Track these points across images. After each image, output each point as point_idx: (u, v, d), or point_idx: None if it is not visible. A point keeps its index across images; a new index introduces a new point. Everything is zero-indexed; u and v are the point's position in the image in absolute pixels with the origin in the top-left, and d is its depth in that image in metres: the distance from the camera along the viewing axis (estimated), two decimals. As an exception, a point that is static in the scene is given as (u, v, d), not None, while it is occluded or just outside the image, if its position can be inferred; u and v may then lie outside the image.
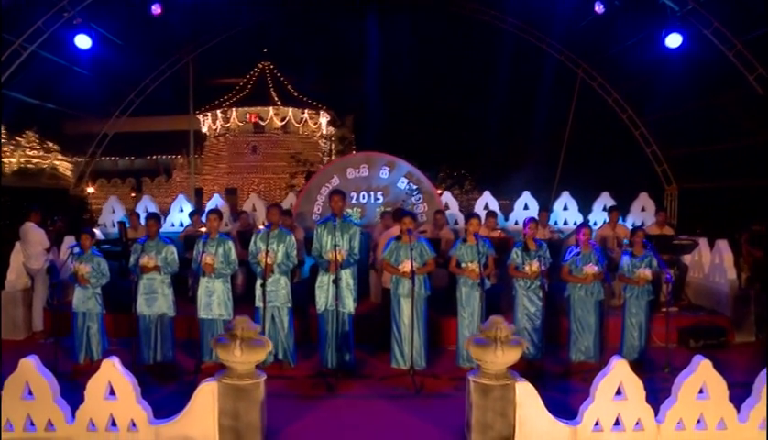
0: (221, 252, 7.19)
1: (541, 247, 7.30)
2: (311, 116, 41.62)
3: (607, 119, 13.88)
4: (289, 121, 40.76)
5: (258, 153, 40.54)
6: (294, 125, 40.85)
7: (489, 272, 7.27)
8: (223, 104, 40.87)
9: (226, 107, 40.91)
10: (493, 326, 4.96)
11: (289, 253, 7.20)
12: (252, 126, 40.79)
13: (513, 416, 4.93)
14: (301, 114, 40.89)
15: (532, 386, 5.00)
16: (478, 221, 7.22)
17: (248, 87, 41.58)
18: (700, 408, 5.00)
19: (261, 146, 40.63)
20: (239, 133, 40.71)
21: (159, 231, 7.39)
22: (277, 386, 6.58)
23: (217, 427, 4.93)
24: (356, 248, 7.13)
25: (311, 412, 5.86)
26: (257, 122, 40.68)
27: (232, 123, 41.23)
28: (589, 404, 5.01)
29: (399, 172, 10.74)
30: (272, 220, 7.25)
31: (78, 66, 11.28)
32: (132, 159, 45.04)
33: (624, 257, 7.41)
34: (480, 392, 4.94)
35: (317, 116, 41.90)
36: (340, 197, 7.13)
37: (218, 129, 41.70)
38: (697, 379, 4.99)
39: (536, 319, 7.22)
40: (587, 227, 7.31)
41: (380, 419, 5.75)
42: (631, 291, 7.32)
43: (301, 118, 41.03)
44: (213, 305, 7.16)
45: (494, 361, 4.91)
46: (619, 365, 4.98)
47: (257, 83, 41.73)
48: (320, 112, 41.61)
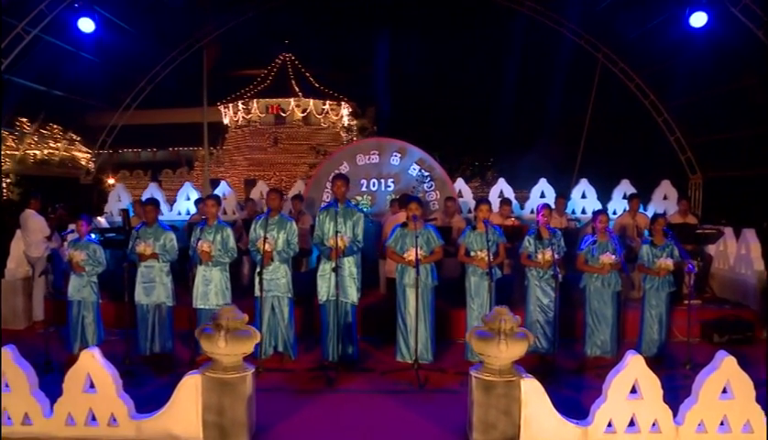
0: (219, 239, 6.91)
1: (555, 235, 6.89)
2: (332, 108, 41.41)
3: (628, 105, 13.29)
4: (310, 112, 40.60)
5: (280, 144, 40.43)
6: (315, 116, 40.68)
7: (500, 261, 6.88)
8: (244, 96, 40.87)
9: (248, 99, 40.90)
10: (497, 318, 4.58)
11: (290, 240, 6.88)
12: (273, 117, 40.70)
13: (518, 415, 4.56)
14: (322, 105, 40.72)
15: (538, 383, 4.62)
16: (488, 207, 6.83)
17: (270, 78, 41.52)
18: (724, 409, 4.57)
19: (282, 137, 40.51)
20: (261, 124, 40.66)
21: (158, 217, 7.14)
22: (274, 379, 6.32)
23: (201, 423, 4.65)
24: (359, 236, 6.79)
25: (306, 408, 5.56)
26: (279, 113, 40.59)
27: (253, 114, 41.23)
28: (601, 403, 4.61)
29: (410, 159, 10.37)
30: (272, 205, 6.94)
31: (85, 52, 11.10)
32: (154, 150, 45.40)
33: (644, 246, 6.96)
34: (482, 389, 4.58)
35: (338, 108, 41.67)
36: (343, 182, 6.80)
37: (240, 121, 41.73)
38: (721, 376, 4.56)
39: (549, 311, 6.81)
40: (604, 214, 6.86)
41: (378, 415, 5.42)
42: (651, 283, 6.87)
43: (322, 109, 40.85)
44: (211, 295, 6.89)
45: (497, 356, 4.54)
46: (635, 360, 4.58)
47: (278, 75, 41.67)
48: (341, 103, 41.37)
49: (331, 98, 40.84)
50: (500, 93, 17.39)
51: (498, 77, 17.67)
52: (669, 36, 10.64)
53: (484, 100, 18.91)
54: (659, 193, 10.90)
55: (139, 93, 13.30)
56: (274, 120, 40.45)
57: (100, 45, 10.92)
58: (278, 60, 41.88)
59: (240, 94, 40.85)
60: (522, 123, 17.78)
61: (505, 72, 17.20)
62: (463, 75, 20.02)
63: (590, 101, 13.06)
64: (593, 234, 6.94)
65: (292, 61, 42.02)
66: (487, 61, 17.57)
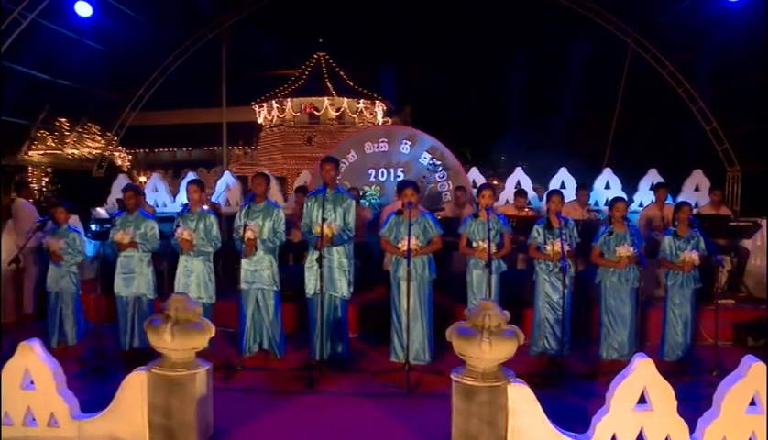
0: (201, 227, 6.45)
1: (566, 225, 6.19)
2: (366, 107, 41.04)
3: (661, 94, 12.35)
4: (344, 111, 40.30)
5: (314, 143, 40.25)
6: (350, 115, 40.36)
7: (505, 253, 6.22)
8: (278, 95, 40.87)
9: (282, 98, 40.89)
10: (481, 313, 3.96)
11: (276, 229, 6.36)
12: (307, 116, 40.56)
13: (504, 426, 3.92)
14: (356, 104, 40.39)
15: (529, 389, 3.97)
16: (491, 192, 6.17)
17: (304, 78, 41.43)
18: (751, 424, 3.84)
19: (316, 136, 40.31)
20: (295, 124, 40.58)
21: (139, 205, 6.73)
22: (252, 379, 5.82)
23: (147, 425, 4.17)
24: (350, 224, 6.22)
25: (278, 410, 5.03)
26: (313, 112, 40.43)
27: (287, 113, 41.16)
28: (603, 415, 3.93)
29: (421, 147, 9.75)
30: (257, 191, 6.45)
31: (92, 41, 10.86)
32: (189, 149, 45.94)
33: (666, 237, 6.20)
34: (463, 395, 3.95)
35: (372, 107, 41.28)
36: (332, 165, 6.25)
37: (274, 120, 41.75)
38: (747, 386, 3.83)
39: (559, 308, 6.12)
40: (621, 201, 6.14)
41: (354, 421, 4.85)
42: (675, 278, 6.10)
43: (356, 109, 40.50)
44: (192, 287, 6.43)
45: (480, 357, 3.91)
46: (643, 365, 3.88)
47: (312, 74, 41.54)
48: (375, 102, 40.97)
49: (365, 97, 40.47)
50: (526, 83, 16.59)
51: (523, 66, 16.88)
52: (703, 16, 9.75)
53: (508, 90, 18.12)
54: (690, 184, 9.99)
55: (152, 85, 13.03)
56: (308, 119, 40.28)
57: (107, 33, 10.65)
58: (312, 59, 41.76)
59: (274, 94, 40.86)
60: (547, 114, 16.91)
61: (530, 62, 16.40)
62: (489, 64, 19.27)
63: (620, 90, 12.14)
64: (609, 223, 6.22)
65: (326, 60, 41.82)
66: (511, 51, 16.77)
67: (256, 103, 40.93)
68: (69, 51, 10.61)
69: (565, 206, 8.76)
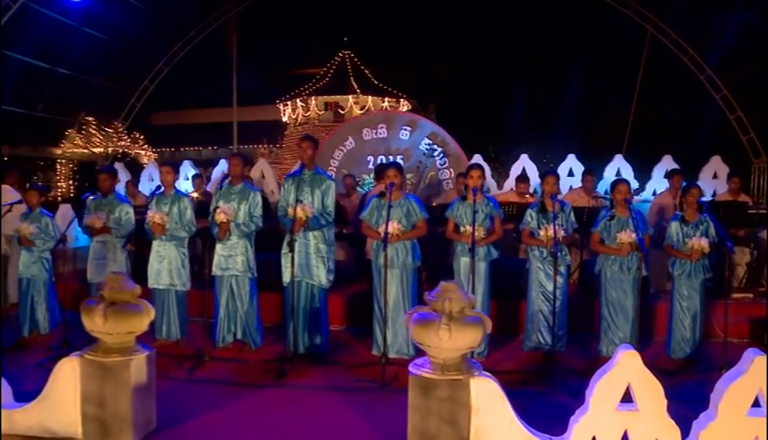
0: (175, 211, 6.11)
1: (563, 209, 5.68)
2: (391, 105, 40.66)
3: (682, 81, 11.63)
4: (369, 110, 40.01)
5: (338, 141, 40.02)
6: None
7: (495, 238, 5.71)
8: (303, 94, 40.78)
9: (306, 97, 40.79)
10: (442, 296, 3.49)
11: (252, 213, 5.99)
12: (332, 114, 40.37)
13: (467, 426, 3.45)
14: (381, 102, 40.06)
15: (495, 384, 3.49)
16: (480, 172, 5.67)
17: (329, 76, 41.25)
18: (754, 428, 3.30)
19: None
20: (319, 122, 40.42)
21: (115, 187, 6.42)
22: (220, 370, 5.45)
23: (80, 415, 3.81)
24: (329, 207, 5.81)
25: (235, 403, 4.64)
26: (337, 111, 40.24)
27: (312, 112, 41.03)
28: (582, 415, 3.43)
29: (421, 132, 9.29)
30: (233, 172, 6.09)
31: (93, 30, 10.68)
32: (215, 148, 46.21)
33: (673, 222, 5.64)
34: (420, 389, 3.49)
35: (397, 105, 40.88)
36: (310, 143, 5.84)
37: (298, 118, 41.65)
38: (749, 383, 3.29)
39: (556, 299, 5.61)
40: (623, 183, 5.58)
41: (313, 415, 4.43)
42: (682, 268, 5.54)
43: (381, 107, 40.17)
44: (164, 273, 6.11)
45: (438, 346, 3.44)
46: (627, 358, 3.38)
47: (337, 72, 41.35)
48: (400, 100, 40.60)
49: (390, 95, 40.08)
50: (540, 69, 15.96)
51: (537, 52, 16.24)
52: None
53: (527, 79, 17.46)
54: (708, 171, 9.30)
55: (157, 75, 12.81)
56: (333, 117, 40.06)
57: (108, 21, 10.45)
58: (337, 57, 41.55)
59: (298, 92, 40.75)
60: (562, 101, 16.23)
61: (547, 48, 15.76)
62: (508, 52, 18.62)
63: (638, 77, 11.45)
64: (610, 207, 5.69)
65: (351, 59, 41.58)
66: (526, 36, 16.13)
67: (280, 101, 40.89)
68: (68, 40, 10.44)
69: (571, 193, 8.24)
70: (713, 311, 6.20)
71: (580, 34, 13.63)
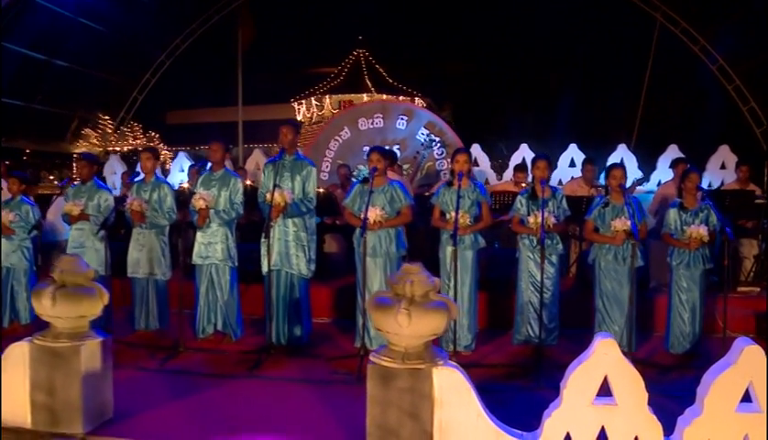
0: (155, 198, 5.95)
1: (554, 195, 5.40)
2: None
3: (692, 72, 11.21)
4: (383, 109, 39.79)
5: (353, 139, 39.86)
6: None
7: (483, 226, 5.44)
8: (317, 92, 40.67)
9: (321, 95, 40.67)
10: (403, 279, 3.24)
11: (233, 200, 5.80)
12: (346, 113, 40.24)
13: (430, 419, 3.19)
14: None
15: (461, 374, 3.23)
16: (466, 157, 5.41)
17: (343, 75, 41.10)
18: (744, 425, 3.01)
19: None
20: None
21: (94, 174, 6.27)
22: (194, 361, 5.27)
23: (30, 404, 3.63)
24: (310, 194, 5.60)
25: (200, 394, 4.44)
26: (352, 109, 40.10)
27: (326, 110, 40.85)
28: (555, 408, 3.17)
29: (418, 122, 9.06)
30: (213, 158, 5.92)
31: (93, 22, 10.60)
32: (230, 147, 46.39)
33: (671, 210, 5.33)
34: (379, 379, 3.24)
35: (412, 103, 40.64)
36: (290, 128, 5.64)
37: (313, 117, 41.52)
38: (739, 375, 3.00)
39: (546, 290, 5.32)
40: (618, 168, 5.29)
41: (278, 407, 4.22)
42: (680, 257, 5.22)
43: (394, 105, 39.93)
44: (143, 262, 5.94)
45: (398, 332, 3.19)
46: (604, 347, 3.10)
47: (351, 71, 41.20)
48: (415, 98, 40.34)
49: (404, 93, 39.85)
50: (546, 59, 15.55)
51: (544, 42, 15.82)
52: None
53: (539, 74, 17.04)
54: (715, 161, 8.90)
55: (159, 67, 12.72)
56: (347, 116, 39.98)
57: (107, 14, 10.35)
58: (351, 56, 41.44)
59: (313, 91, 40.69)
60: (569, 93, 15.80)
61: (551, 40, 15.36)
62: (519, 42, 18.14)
63: (647, 69, 11.04)
64: (604, 194, 5.39)
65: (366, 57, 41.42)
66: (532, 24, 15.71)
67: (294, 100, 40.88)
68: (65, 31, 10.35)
69: (570, 183, 7.94)
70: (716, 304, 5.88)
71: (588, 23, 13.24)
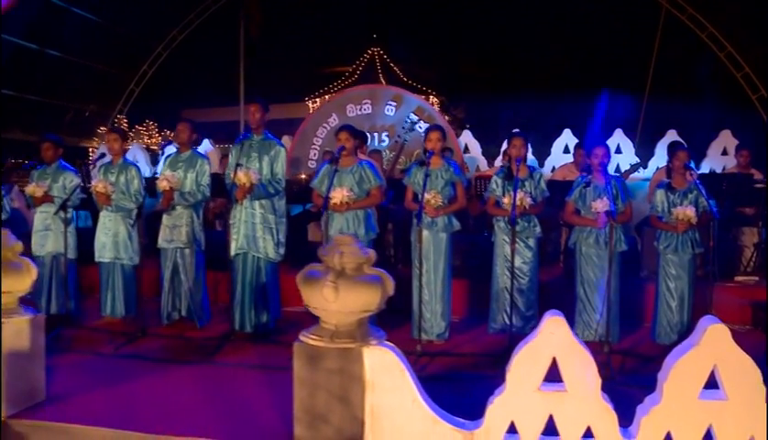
0: (122, 180, 5.74)
1: (532, 175, 5.08)
2: (420, 101, 40.18)
3: (699, 58, 10.72)
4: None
5: (366, 136, 39.75)
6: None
7: (457, 207, 5.14)
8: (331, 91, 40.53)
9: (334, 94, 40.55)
10: (333, 250, 2.96)
11: (199, 182, 5.57)
12: (360, 111, 40.06)
13: (361, 404, 2.90)
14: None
15: (395, 355, 2.93)
16: (438, 135, 5.11)
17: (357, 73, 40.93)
18: (708, 414, 2.67)
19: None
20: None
21: (59, 156, 6.07)
22: (150, 347, 5.06)
23: (-53, 386, 3.42)
24: (279, 174, 5.35)
25: (145, 379, 4.23)
26: (365, 107, 39.90)
27: (340, 109, 40.78)
28: (498, 395, 2.86)
29: (407, 107, 8.78)
30: (179, 139, 5.71)
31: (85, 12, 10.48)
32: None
33: (658, 191, 4.97)
34: (306, 359, 2.97)
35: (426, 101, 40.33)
36: (257, 107, 5.39)
37: (327, 116, 41.44)
38: (702, 358, 2.66)
39: (522, 276, 5.01)
40: (601, 147, 4.94)
41: (221, 393, 3.98)
42: (668, 241, 4.87)
43: (409, 103, 39.69)
44: (109, 246, 5.74)
45: (325, 307, 2.91)
46: (551, 325, 2.79)
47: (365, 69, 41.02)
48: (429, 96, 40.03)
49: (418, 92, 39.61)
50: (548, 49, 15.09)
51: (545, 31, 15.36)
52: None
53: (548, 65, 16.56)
54: (716, 147, 8.44)
55: (156, 59, 12.59)
56: (361, 114, 39.83)
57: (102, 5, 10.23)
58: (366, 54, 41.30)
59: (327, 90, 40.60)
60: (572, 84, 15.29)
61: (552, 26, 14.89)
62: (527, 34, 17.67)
63: (653, 57, 10.56)
64: (586, 174, 5.07)
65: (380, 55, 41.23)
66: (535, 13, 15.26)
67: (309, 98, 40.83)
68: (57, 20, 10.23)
69: (561, 168, 7.60)
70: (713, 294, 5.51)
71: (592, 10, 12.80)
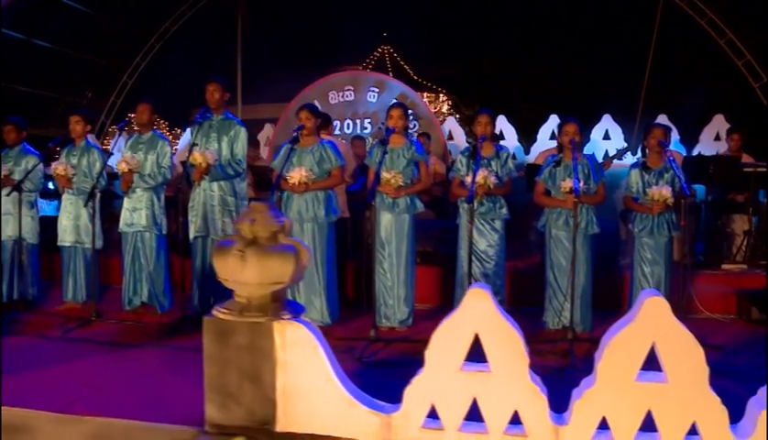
0: (84, 163, 5.59)
1: (498, 154, 4.82)
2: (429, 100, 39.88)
3: (699, 47, 10.30)
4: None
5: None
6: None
7: (421, 188, 4.90)
8: (341, 90, 40.48)
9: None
10: (245, 217, 2.75)
11: (159, 163, 5.40)
12: (370, 109, 39.92)
13: (272, 383, 2.68)
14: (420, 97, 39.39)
15: (309, 332, 2.70)
16: (400, 112, 4.87)
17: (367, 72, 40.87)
18: (647, 397, 2.40)
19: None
20: (359, 118, 40.08)
21: (22, 139, 5.93)
22: (104, 332, 4.91)
23: None
24: (239, 155, 5.16)
25: (81, 362, 4.08)
26: (375, 105, 39.78)
27: (349, 107, 40.68)
28: (417, 375, 2.62)
29: (390, 94, 8.58)
30: (139, 120, 5.54)
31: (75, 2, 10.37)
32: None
33: (632, 170, 4.69)
34: (215, 335, 2.75)
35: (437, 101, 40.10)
36: (217, 86, 5.19)
37: (337, 114, 41.40)
38: (640, 335, 2.40)
39: (488, 260, 4.75)
40: (572, 123, 4.65)
41: (155, 376, 3.82)
42: (643, 223, 4.58)
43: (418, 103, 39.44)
44: (70, 230, 5.59)
45: (235, 279, 2.70)
46: (474, 298, 2.53)
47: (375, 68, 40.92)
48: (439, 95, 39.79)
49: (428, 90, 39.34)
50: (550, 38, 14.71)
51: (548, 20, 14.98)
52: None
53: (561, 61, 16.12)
54: (709, 132, 8.05)
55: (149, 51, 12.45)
56: (372, 113, 39.71)
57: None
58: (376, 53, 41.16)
59: (337, 89, 40.60)
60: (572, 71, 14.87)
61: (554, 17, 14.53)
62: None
63: (651, 46, 10.16)
64: (556, 153, 4.80)
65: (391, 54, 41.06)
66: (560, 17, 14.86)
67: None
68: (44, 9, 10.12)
69: (544, 152, 7.32)
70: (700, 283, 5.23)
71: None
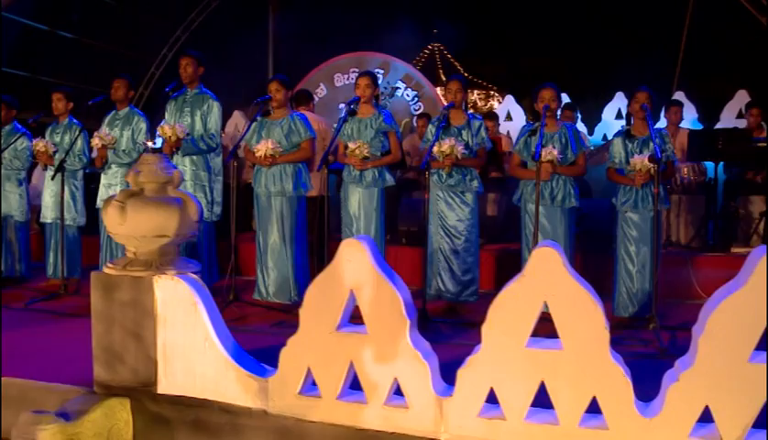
0: (67, 141, 5.62)
1: (470, 123, 4.52)
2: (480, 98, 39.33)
3: (738, 27, 9.50)
4: (460, 104, 38.97)
5: (423, 132, 39.60)
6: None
7: (390, 161, 4.64)
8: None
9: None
10: (134, 169, 2.59)
11: (135, 139, 5.37)
12: (421, 107, 39.76)
13: (153, 341, 2.51)
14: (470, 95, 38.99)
15: (190, 287, 2.50)
16: (368, 81, 4.62)
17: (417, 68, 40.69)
18: (539, 368, 2.10)
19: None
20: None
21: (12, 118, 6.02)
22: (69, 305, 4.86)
23: None
24: (212, 130, 5.05)
25: (26, 329, 4.07)
26: (423, 103, 39.59)
27: (398, 105, 40.61)
28: (292, 336, 2.39)
29: (394, 75, 8.34)
30: (115, 96, 5.45)
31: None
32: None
33: (615, 139, 4.29)
34: (102, 290, 2.59)
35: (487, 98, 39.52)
36: (189, 60, 5.08)
37: (387, 110, 41.47)
38: (528, 293, 2.11)
39: (458, 235, 4.46)
40: (550, 88, 4.29)
41: (79, 340, 3.69)
42: (627, 196, 4.16)
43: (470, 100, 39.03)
44: (51, 206, 5.63)
45: (116, 231, 2.54)
46: (349, 250, 2.28)
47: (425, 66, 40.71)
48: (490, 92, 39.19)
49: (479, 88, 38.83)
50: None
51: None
52: None
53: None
54: (731, 109, 7.40)
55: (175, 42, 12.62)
56: (421, 110, 39.57)
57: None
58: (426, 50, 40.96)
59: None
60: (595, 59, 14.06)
61: None
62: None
63: (685, 26, 9.49)
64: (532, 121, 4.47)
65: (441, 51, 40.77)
66: None
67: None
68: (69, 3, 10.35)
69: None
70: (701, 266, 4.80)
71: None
